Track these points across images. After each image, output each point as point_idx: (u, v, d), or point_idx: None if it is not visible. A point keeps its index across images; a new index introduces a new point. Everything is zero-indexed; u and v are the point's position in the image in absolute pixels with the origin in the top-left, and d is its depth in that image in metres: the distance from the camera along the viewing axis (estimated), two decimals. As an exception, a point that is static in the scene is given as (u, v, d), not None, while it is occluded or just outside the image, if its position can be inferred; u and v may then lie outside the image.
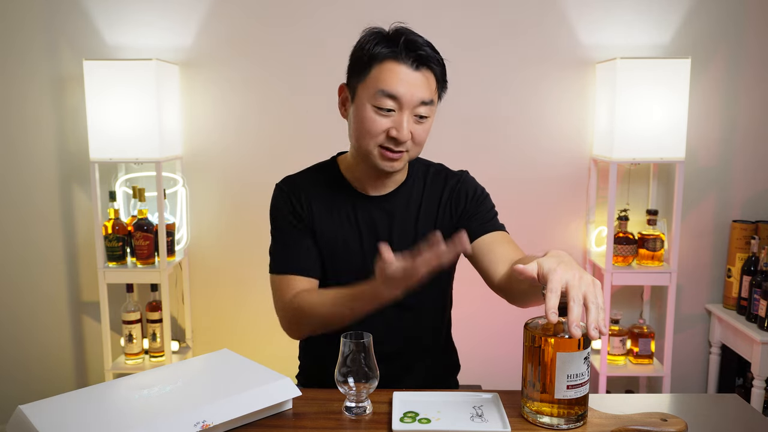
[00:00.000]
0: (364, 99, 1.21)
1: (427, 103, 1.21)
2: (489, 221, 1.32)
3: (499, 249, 1.26)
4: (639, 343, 2.40)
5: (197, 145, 2.48)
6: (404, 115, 1.19)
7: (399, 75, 1.18)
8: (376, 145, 1.21)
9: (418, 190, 1.34)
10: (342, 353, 1.06)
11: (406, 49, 1.18)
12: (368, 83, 1.20)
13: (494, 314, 2.53)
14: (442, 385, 1.41)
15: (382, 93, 1.18)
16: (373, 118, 1.20)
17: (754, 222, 2.43)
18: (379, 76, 1.19)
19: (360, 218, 1.31)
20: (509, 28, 2.41)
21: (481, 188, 1.37)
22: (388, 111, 1.19)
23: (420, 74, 1.19)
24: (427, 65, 1.20)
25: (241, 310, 2.54)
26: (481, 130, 2.47)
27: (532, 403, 1.02)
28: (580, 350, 0.97)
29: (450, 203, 1.34)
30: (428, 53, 1.20)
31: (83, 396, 1.06)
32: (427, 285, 1.32)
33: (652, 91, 2.21)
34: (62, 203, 2.51)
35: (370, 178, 1.30)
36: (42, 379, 2.61)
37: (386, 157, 1.22)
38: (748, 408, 1.12)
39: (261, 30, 2.42)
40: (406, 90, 1.18)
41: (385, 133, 1.20)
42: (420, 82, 1.19)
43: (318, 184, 1.34)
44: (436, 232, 1.04)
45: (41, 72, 2.43)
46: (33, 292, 2.56)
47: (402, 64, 1.18)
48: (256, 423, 1.05)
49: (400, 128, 1.19)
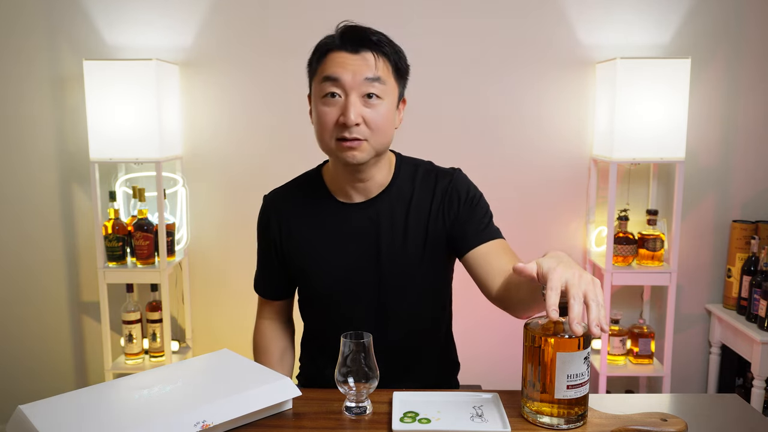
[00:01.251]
0: (315, 96, 1.22)
1: (373, 80, 1.18)
2: (484, 229, 1.28)
3: (495, 261, 1.23)
4: (639, 343, 2.40)
5: (197, 145, 2.48)
6: (350, 99, 1.18)
7: (338, 59, 1.19)
8: (332, 137, 1.20)
9: (405, 192, 1.30)
10: (342, 353, 1.06)
11: (342, 37, 1.20)
12: (316, 78, 1.22)
13: (494, 314, 2.52)
14: (442, 384, 1.41)
15: (325, 79, 1.19)
16: (323, 110, 1.20)
17: (754, 222, 2.43)
18: (322, 67, 1.21)
19: (343, 229, 1.30)
20: (509, 28, 2.41)
21: (474, 188, 1.33)
22: (332, 97, 1.18)
23: (360, 56, 1.19)
24: (367, 47, 1.19)
25: (241, 310, 2.53)
26: (481, 130, 2.47)
27: (532, 403, 1.02)
28: (580, 350, 0.97)
29: (443, 205, 1.29)
30: (367, 36, 1.20)
31: (83, 396, 1.06)
32: (426, 285, 1.33)
33: (652, 91, 2.21)
34: (62, 203, 2.51)
35: (349, 183, 1.28)
36: (42, 379, 2.61)
37: (343, 147, 1.20)
38: (748, 408, 1.12)
39: (261, 30, 2.41)
40: (346, 71, 1.18)
41: (336, 122, 1.19)
42: (361, 62, 1.18)
43: (299, 197, 1.35)
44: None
45: (41, 72, 2.43)
46: (33, 292, 2.56)
47: (341, 51, 1.19)
48: (256, 423, 1.05)
49: (347, 112, 1.17)
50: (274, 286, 1.42)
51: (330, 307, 1.34)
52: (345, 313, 1.32)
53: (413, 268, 1.30)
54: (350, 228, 1.30)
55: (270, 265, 1.39)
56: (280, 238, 1.35)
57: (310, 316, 1.42)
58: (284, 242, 1.35)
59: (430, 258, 1.30)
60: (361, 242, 1.29)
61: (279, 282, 1.40)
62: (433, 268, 1.32)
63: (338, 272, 1.30)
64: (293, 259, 1.34)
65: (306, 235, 1.33)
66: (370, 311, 1.31)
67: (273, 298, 1.43)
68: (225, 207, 2.51)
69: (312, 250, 1.32)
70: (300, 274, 1.35)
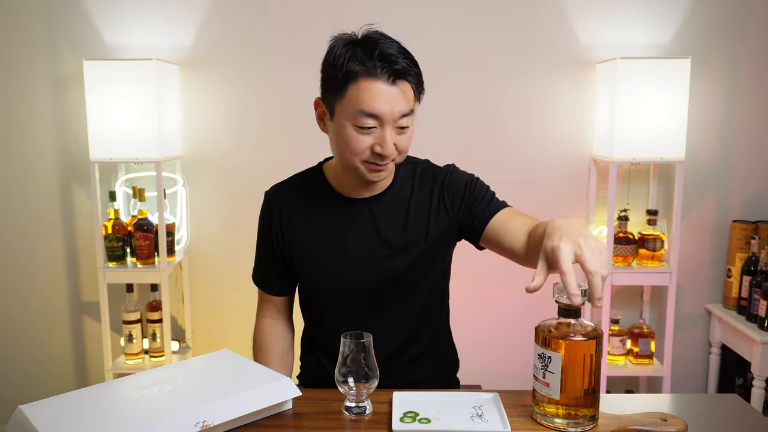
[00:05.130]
0: (343, 118, 1.18)
1: (407, 114, 1.18)
2: (489, 204, 1.31)
3: (512, 225, 1.26)
4: (639, 343, 2.40)
5: (197, 145, 2.48)
6: (386, 132, 1.17)
7: (376, 93, 1.14)
8: (362, 161, 1.20)
9: (406, 189, 1.33)
10: (342, 353, 1.06)
11: (381, 64, 1.14)
12: (346, 102, 1.16)
13: (494, 314, 2.53)
14: (441, 380, 1.42)
15: (362, 113, 1.15)
16: (356, 137, 1.18)
17: (754, 222, 2.43)
18: (357, 95, 1.14)
19: (345, 224, 1.31)
20: (509, 28, 2.41)
21: (470, 175, 1.35)
22: (369, 129, 1.17)
23: (397, 88, 1.15)
24: (404, 77, 1.17)
25: (241, 310, 2.53)
26: (480, 130, 2.47)
27: (542, 405, 1.02)
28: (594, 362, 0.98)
29: (442, 198, 1.32)
30: (403, 66, 1.16)
31: (83, 396, 1.06)
32: (427, 282, 1.34)
33: (652, 91, 2.21)
34: (62, 203, 2.51)
35: (356, 186, 1.30)
36: (42, 379, 2.61)
37: (373, 170, 1.21)
38: (748, 408, 1.12)
39: (261, 30, 2.41)
40: (386, 107, 1.15)
41: (370, 149, 1.18)
42: (398, 96, 1.16)
43: (302, 192, 1.35)
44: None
45: (41, 72, 2.43)
46: (33, 292, 2.56)
47: (378, 80, 1.14)
48: (256, 423, 1.05)
49: (385, 145, 1.17)
50: (277, 281, 1.41)
51: (330, 303, 1.34)
52: (345, 309, 1.32)
53: (414, 264, 1.31)
54: (353, 224, 1.31)
55: (273, 258, 1.38)
56: (282, 231, 1.35)
57: (310, 313, 1.42)
58: (286, 236, 1.35)
59: (430, 255, 1.32)
60: (364, 239, 1.30)
61: (281, 276, 1.40)
62: (432, 265, 1.34)
63: (339, 268, 1.31)
64: (295, 252, 1.34)
65: (308, 229, 1.33)
66: (371, 308, 1.31)
67: (275, 293, 1.42)
68: (225, 207, 2.51)
69: (314, 244, 1.32)
70: (301, 267, 1.35)
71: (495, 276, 2.49)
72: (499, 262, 2.60)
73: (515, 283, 2.48)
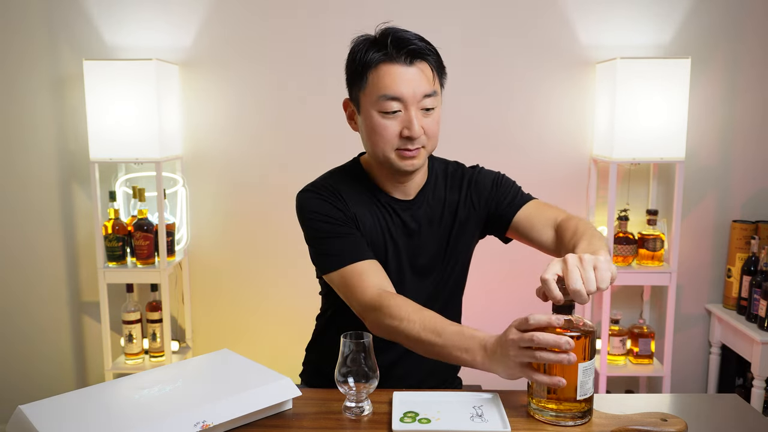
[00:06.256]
0: (368, 108, 1.20)
1: (431, 95, 1.20)
2: (516, 197, 1.34)
3: (538, 217, 1.29)
4: (639, 343, 2.40)
5: (197, 145, 2.48)
6: (411, 113, 1.19)
7: (395, 75, 1.17)
8: (393, 149, 1.21)
9: (440, 188, 1.35)
10: (342, 353, 1.06)
11: (396, 48, 1.18)
12: (368, 91, 1.20)
13: (494, 314, 2.53)
14: (442, 377, 1.42)
15: (385, 97, 1.18)
16: (383, 124, 1.19)
17: (754, 222, 2.43)
18: (377, 81, 1.18)
19: (390, 222, 1.30)
20: (509, 29, 2.41)
21: (496, 172, 1.39)
22: (394, 113, 1.19)
23: (415, 68, 1.19)
24: (421, 57, 1.19)
25: (241, 310, 2.53)
26: (480, 130, 2.47)
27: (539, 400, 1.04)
28: (585, 361, 0.99)
29: (470, 193, 1.35)
30: (419, 46, 1.19)
31: (83, 396, 1.06)
32: (454, 284, 1.37)
33: (652, 91, 2.21)
34: (62, 203, 2.51)
35: (392, 181, 1.29)
36: (42, 379, 2.61)
37: (405, 156, 1.21)
38: (748, 408, 1.12)
39: (261, 30, 2.41)
40: (407, 88, 1.18)
41: (398, 135, 1.20)
42: (418, 77, 1.18)
43: (350, 187, 1.30)
44: None
45: (41, 72, 2.43)
46: (33, 292, 2.56)
47: (395, 63, 1.18)
48: (256, 423, 1.05)
49: (411, 126, 1.18)
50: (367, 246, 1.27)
51: None
52: None
53: (445, 266, 1.34)
54: (399, 223, 1.31)
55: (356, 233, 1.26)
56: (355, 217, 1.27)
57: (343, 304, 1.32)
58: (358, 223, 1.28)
59: (456, 255, 1.35)
60: (407, 238, 1.31)
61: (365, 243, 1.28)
62: (461, 266, 1.37)
63: (383, 263, 1.27)
64: None
65: (364, 221, 1.28)
66: None
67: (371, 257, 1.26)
68: (225, 207, 2.51)
69: (368, 235, 1.28)
70: None
71: (496, 276, 2.49)
72: (501, 262, 2.60)
73: (516, 283, 2.48)
